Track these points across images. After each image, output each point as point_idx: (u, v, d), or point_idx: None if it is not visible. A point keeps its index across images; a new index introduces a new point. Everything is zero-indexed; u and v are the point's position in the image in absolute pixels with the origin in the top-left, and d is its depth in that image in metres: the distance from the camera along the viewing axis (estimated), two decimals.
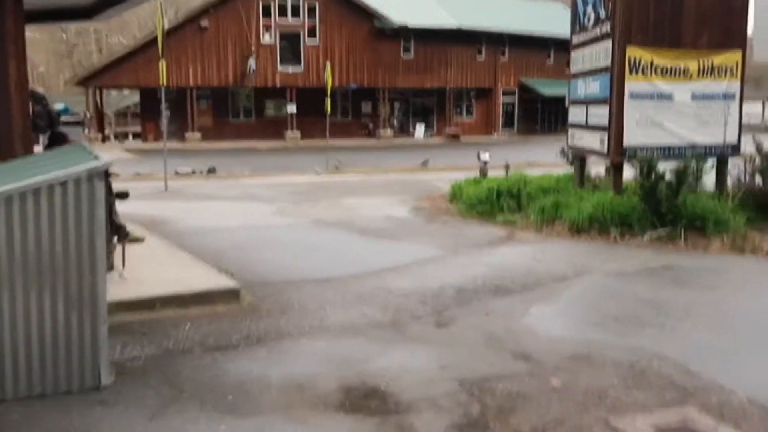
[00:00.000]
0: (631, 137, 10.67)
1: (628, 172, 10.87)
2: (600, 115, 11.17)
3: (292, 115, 37.60)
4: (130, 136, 41.04)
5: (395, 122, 43.15)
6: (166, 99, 39.50)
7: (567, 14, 47.32)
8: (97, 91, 37.95)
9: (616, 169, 10.90)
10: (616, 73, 10.59)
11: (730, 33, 11.11)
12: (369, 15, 38.75)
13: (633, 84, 10.62)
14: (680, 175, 9.55)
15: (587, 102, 11.88)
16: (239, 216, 11.81)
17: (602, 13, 11.11)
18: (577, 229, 10.12)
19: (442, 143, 39.90)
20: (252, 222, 11.17)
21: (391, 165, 25.94)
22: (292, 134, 38.05)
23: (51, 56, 59.07)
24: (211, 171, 24.72)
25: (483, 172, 13.96)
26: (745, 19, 11.23)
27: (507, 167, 13.03)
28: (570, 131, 13.04)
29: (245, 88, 39.18)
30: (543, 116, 46.82)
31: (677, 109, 10.91)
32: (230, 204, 13.43)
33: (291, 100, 37.53)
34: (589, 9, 11.71)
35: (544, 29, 46.96)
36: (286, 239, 9.94)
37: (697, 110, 11.04)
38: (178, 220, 11.36)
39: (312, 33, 38.47)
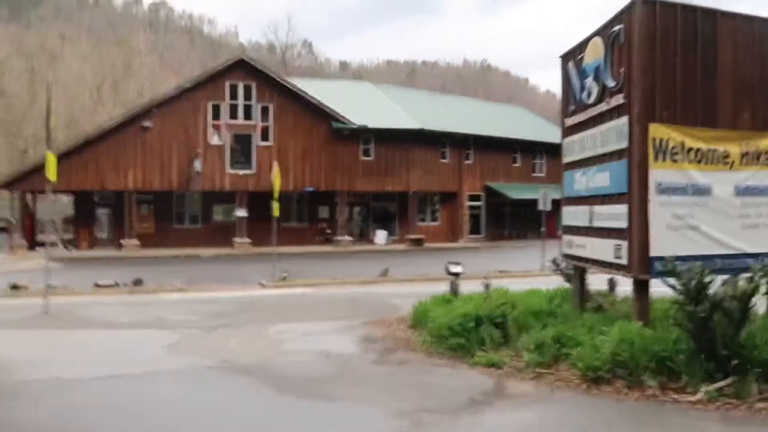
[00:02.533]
0: (661, 245, 7.72)
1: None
2: (613, 215, 8.27)
3: (242, 220, 34.58)
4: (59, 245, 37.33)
5: (354, 228, 40.34)
6: (106, 202, 36.90)
7: (531, 117, 46.26)
8: (26, 195, 34.56)
9: (639, 289, 7.86)
10: (637, 158, 7.75)
11: None
12: (326, 116, 36.61)
13: (660, 173, 7.77)
14: (743, 298, 6.53)
15: (591, 199, 9.02)
16: (117, 356, 8.40)
17: (611, 82, 8.40)
18: (595, 378, 6.97)
19: (405, 250, 37.00)
20: (129, 367, 7.77)
21: (346, 275, 22.78)
22: (242, 241, 34.84)
23: None
24: (138, 283, 21.23)
25: (454, 289, 10.88)
26: None
27: (488, 285, 9.91)
28: (565, 237, 10.11)
29: (191, 193, 36.18)
30: (511, 221, 44.48)
31: (717, 208, 8.06)
32: (118, 334, 10.01)
33: (241, 205, 34.62)
34: (589, 80, 9.03)
35: (509, 132, 45.51)
36: (159, 403, 6.52)
37: (742, 208, 8.20)
38: (22, 364, 7.95)
39: (265, 134, 36.03)
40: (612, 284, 11.18)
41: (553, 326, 8.54)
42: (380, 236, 39.66)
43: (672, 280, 7.12)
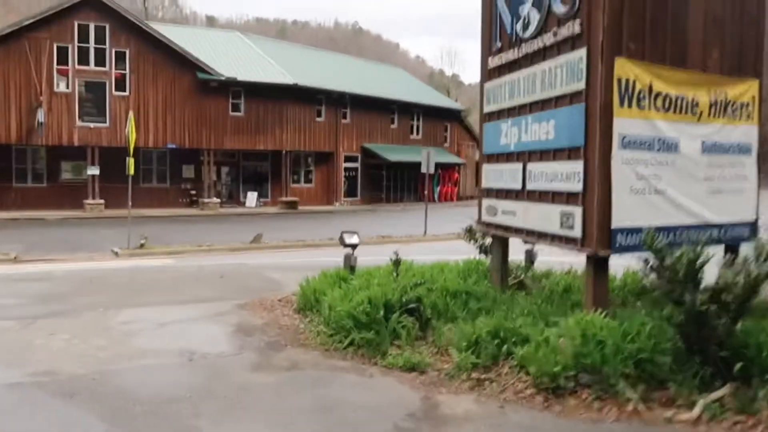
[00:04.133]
0: (624, 213, 6.11)
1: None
2: (560, 175, 6.56)
3: (93, 179, 30.87)
4: None
5: (222, 189, 37.40)
6: None
7: (408, 78, 44.65)
8: None
9: (596, 269, 6.22)
10: (600, 102, 6.02)
11: (744, 53, 7.03)
12: (191, 65, 33.23)
13: (624, 122, 6.11)
14: (750, 285, 4.98)
15: (525, 155, 7.29)
16: None
17: (560, 7, 6.62)
18: (554, 388, 5.27)
19: (278, 213, 34.65)
20: None
21: (214, 241, 20.37)
22: (94, 202, 31.16)
23: None
24: None
25: (350, 263, 8.91)
26: (762, 34, 7.20)
27: (397, 262, 7.95)
28: (486, 202, 8.37)
29: (34, 147, 31.91)
30: (389, 184, 42.99)
31: (684, 168, 6.54)
32: None
33: (92, 162, 30.87)
34: (527, 7, 7.22)
35: (387, 93, 43.83)
36: None
37: (708, 169, 6.74)
38: None
39: (121, 83, 32.21)
40: (531, 256, 9.64)
41: (482, 313, 6.81)
42: (251, 198, 37.05)
43: (646, 259, 5.50)
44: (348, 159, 41.21)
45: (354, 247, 8.98)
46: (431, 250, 14.58)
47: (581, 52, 6.26)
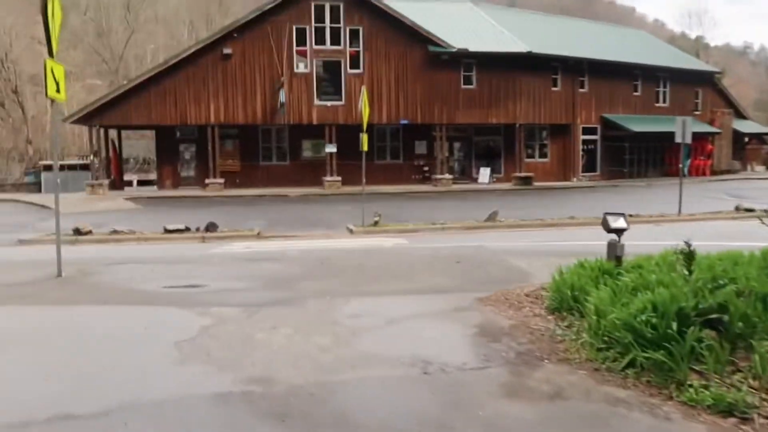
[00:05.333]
0: None
1: None
2: None
3: (331, 156, 31.59)
4: (134, 183, 35.61)
5: (455, 165, 36.64)
6: (189, 138, 34.66)
7: (652, 40, 39.98)
8: (102, 131, 32.67)
9: None
10: None
11: None
12: (422, 39, 32.63)
13: None
14: None
15: None
16: (93, 368, 5.27)
17: None
18: None
19: (511, 189, 33.12)
20: (90, 401, 4.66)
21: (447, 218, 19.49)
22: (332, 179, 31.92)
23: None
24: (211, 228, 18.74)
25: (616, 253, 7.23)
26: None
27: (690, 255, 6.11)
28: None
29: (278, 127, 33.36)
30: (631, 157, 39.41)
31: None
32: (123, 317, 6.86)
33: (330, 140, 31.55)
34: None
35: (629, 57, 40.13)
36: None
37: None
38: None
39: (355, 61, 32.52)
40: None
41: None
42: (483, 174, 35.88)
43: None
44: (586, 131, 38.42)
45: (620, 232, 7.26)
46: (698, 232, 12.24)
47: None
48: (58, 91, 9.25)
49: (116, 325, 6.49)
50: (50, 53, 9.09)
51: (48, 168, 35.22)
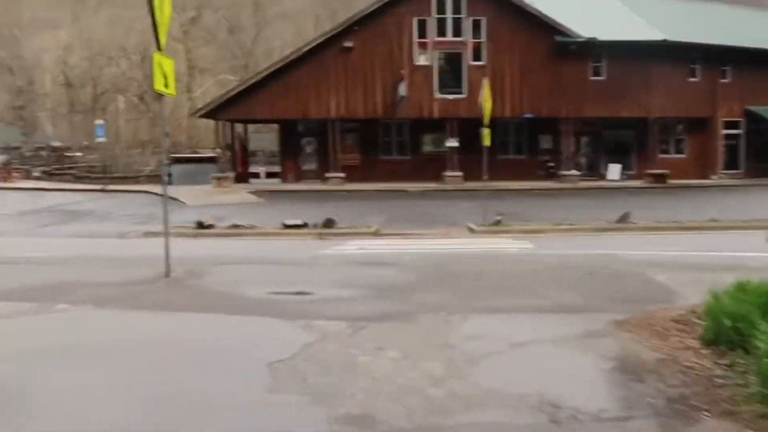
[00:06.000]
0: None
1: None
2: None
3: (453, 151, 30.83)
4: (262, 174, 36.20)
5: (582, 160, 34.85)
6: (310, 132, 34.88)
7: None
8: (228, 125, 33.40)
9: None
10: None
11: None
12: (548, 29, 31.12)
13: None
14: None
15: None
16: (181, 396, 4.83)
17: None
18: None
19: (644, 188, 31.05)
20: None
21: (574, 218, 18.31)
22: (453, 174, 31.15)
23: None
24: (329, 224, 18.51)
25: None
26: None
27: None
28: None
29: (399, 121, 32.92)
30: None
31: None
32: (223, 327, 6.40)
33: (451, 134, 30.81)
34: None
35: None
36: None
37: None
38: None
39: (477, 53, 31.50)
40: None
41: None
42: (613, 171, 33.90)
43: None
44: (728, 125, 35.49)
45: None
46: None
47: None
48: (166, 85, 9.03)
49: (211, 338, 6.05)
50: (158, 47, 8.87)
51: (179, 161, 36.53)
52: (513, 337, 6.07)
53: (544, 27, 31.04)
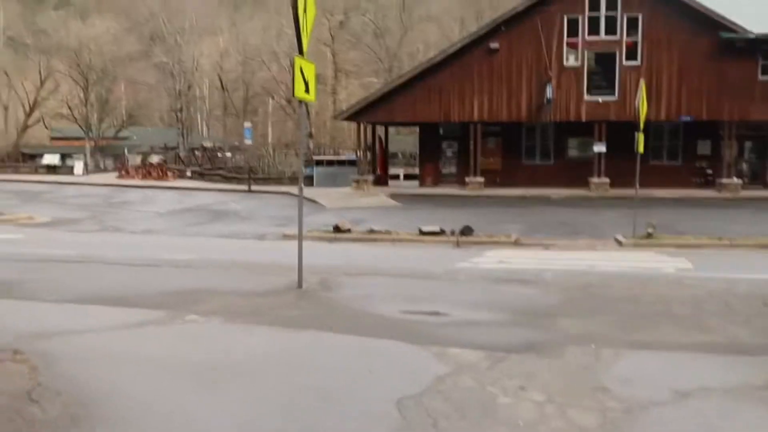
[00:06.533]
0: None
1: None
2: None
3: (600, 156, 29.25)
4: (401, 176, 36.07)
5: (744, 167, 32.00)
6: (451, 135, 34.34)
7: None
8: (370, 127, 33.49)
9: None
10: None
11: None
12: (712, 24, 28.70)
13: None
14: None
15: None
16: None
17: None
18: None
19: None
20: None
21: (736, 232, 16.64)
22: (599, 181, 29.51)
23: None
24: (466, 231, 17.93)
25: None
26: None
27: None
28: None
29: (543, 124, 31.67)
30: None
31: None
32: (347, 353, 6.00)
33: (599, 138, 29.22)
34: None
35: None
36: None
37: None
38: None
39: (631, 52, 29.63)
40: None
41: None
42: None
43: None
44: None
45: None
46: None
47: None
48: (307, 91, 8.77)
49: (339, 364, 5.61)
50: (300, 51, 8.62)
51: (319, 163, 37.17)
52: (677, 383, 5.20)
53: (707, 22, 28.67)
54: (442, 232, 18.02)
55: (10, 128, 71.27)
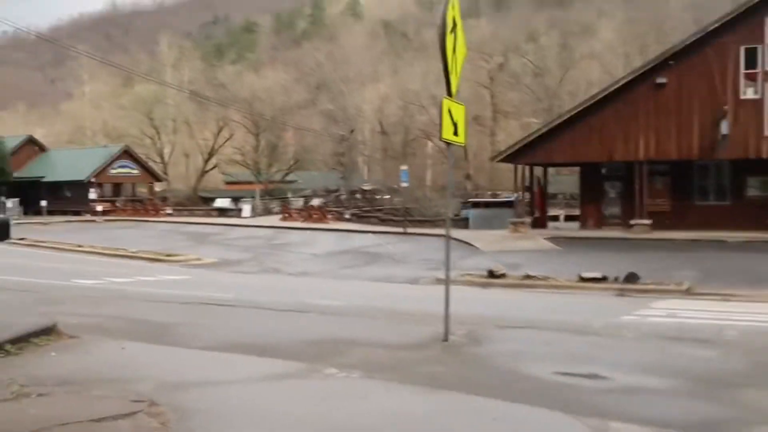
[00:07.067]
0: None
1: None
2: None
3: None
4: (561, 217, 34.61)
5: None
6: (614, 175, 32.59)
7: None
8: (528, 168, 32.53)
9: None
10: None
11: None
12: None
13: None
14: None
15: None
16: None
17: None
18: None
19: None
20: None
21: None
22: None
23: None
24: (631, 278, 16.71)
25: None
26: None
27: None
28: None
29: (717, 162, 29.29)
30: None
31: None
32: (487, 426, 5.40)
33: None
34: None
35: None
36: None
37: None
38: None
39: None
40: None
41: None
42: None
43: None
44: None
45: None
46: None
47: None
48: (455, 133, 8.37)
49: None
50: (448, 92, 8.25)
51: (476, 205, 36.63)
52: None
53: None
54: (604, 279, 16.89)
55: (190, 174, 77.25)
